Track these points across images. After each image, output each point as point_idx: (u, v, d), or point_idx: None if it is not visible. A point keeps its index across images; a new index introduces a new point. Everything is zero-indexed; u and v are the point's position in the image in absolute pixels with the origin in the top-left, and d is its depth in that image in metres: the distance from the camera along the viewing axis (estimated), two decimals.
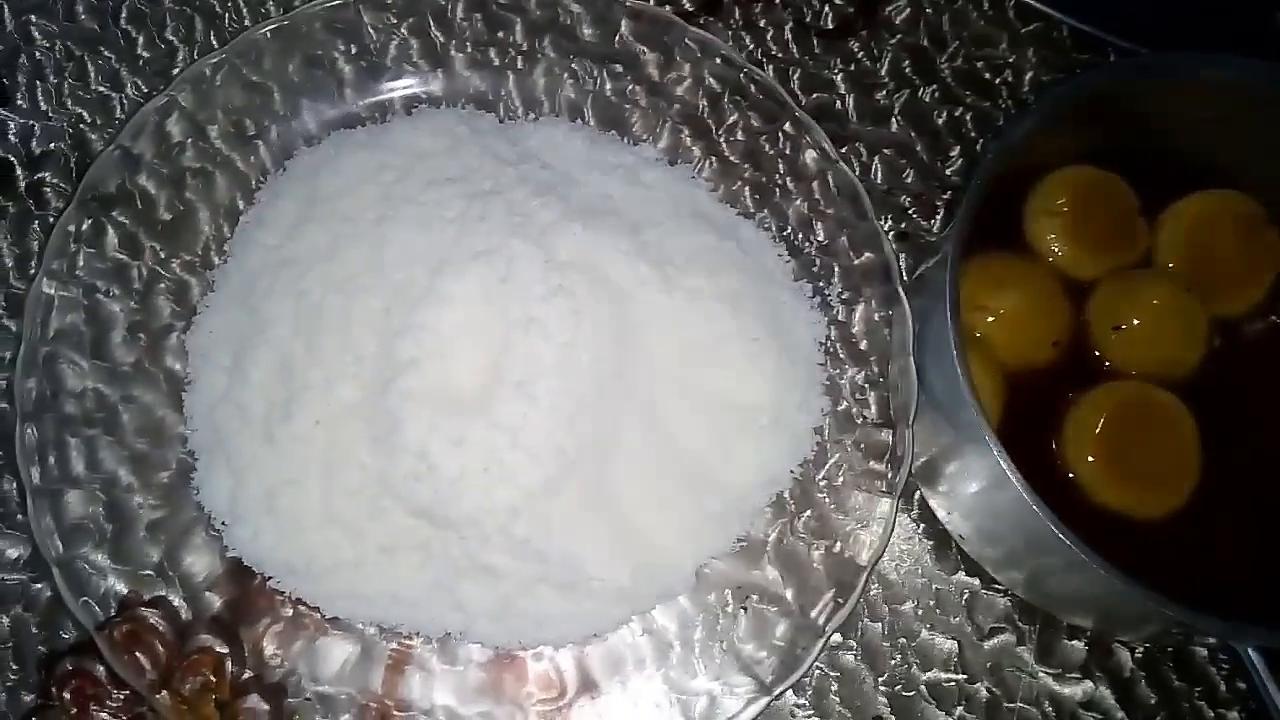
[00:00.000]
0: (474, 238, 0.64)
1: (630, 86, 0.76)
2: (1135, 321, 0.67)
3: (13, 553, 0.69)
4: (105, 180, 0.69)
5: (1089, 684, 0.70)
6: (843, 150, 0.74)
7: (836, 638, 0.69)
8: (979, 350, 0.67)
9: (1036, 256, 0.70)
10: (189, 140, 0.72)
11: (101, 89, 0.79)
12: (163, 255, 0.71)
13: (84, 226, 0.69)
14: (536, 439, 0.61)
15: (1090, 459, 0.65)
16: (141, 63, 0.80)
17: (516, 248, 0.63)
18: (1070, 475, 0.65)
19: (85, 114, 0.78)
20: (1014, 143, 0.63)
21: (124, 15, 0.80)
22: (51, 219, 0.72)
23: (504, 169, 0.68)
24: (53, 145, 0.77)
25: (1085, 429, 0.65)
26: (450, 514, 0.61)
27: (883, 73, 0.83)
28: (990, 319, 0.67)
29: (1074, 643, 0.71)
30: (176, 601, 0.65)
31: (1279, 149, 0.69)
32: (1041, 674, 0.70)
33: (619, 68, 0.76)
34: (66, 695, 0.64)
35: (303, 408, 0.63)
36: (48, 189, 0.76)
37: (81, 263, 0.69)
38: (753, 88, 0.74)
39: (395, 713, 0.64)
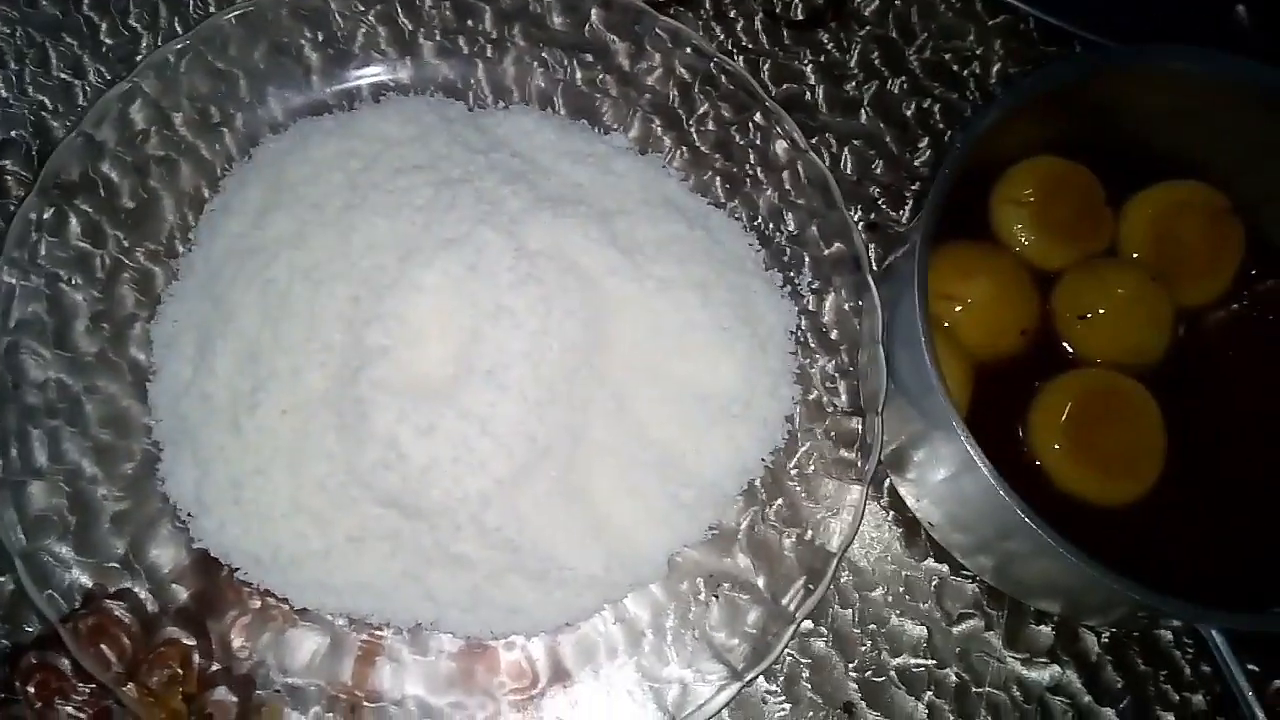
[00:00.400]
0: (443, 226, 0.63)
1: (601, 76, 0.76)
2: (1101, 310, 0.68)
3: None
4: (67, 168, 0.68)
5: (1056, 668, 0.71)
6: (812, 141, 0.74)
7: (807, 625, 0.70)
8: (947, 338, 0.67)
9: (1003, 246, 0.70)
10: (153, 128, 0.71)
11: (64, 76, 0.78)
12: (126, 244, 0.70)
13: (46, 215, 0.68)
14: (506, 428, 0.60)
15: (1056, 446, 0.66)
16: (104, 49, 0.79)
17: (486, 236, 0.62)
18: (1037, 462, 0.66)
19: (47, 101, 0.77)
20: (981, 133, 0.64)
21: (86, 1, 0.79)
22: (12, 207, 0.70)
23: (473, 157, 0.68)
24: (14, 133, 0.76)
25: (1051, 416, 0.66)
26: (420, 503, 0.60)
27: (852, 64, 0.83)
28: (958, 308, 0.68)
29: (1041, 628, 0.72)
30: (142, 594, 0.64)
31: (1242, 140, 0.70)
32: (1009, 659, 0.71)
33: (589, 57, 0.76)
34: (31, 689, 0.64)
35: (269, 397, 0.62)
36: (9, 177, 0.75)
37: (43, 251, 0.68)
38: (723, 78, 0.74)
39: (365, 704, 0.64)
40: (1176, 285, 0.70)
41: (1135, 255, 0.71)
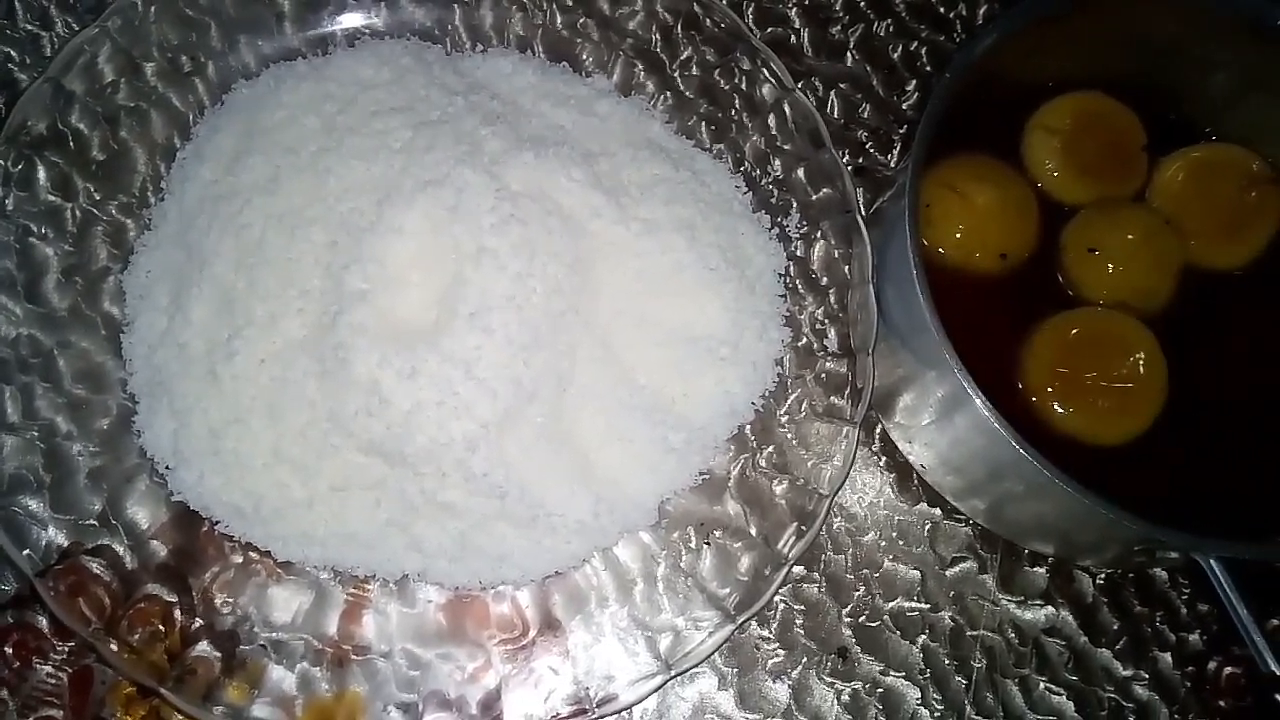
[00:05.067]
0: (422, 167, 0.62)
1: (581, 20, 0.74)
2: (1110, 246, 0.67)
3: None
4: (35, 118, 0.66)
5: (1051, 610, 0.71)
6: (798, 85, 0.73)
7: (800, 570, 0.69)
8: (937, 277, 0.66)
9: (1027, 174, 0.70)
10: (122, 78, 0.69)
11: (30, 27, 0.76)
12: (97, 196, 0.68)
13: (14, 167, 0.65)
14: (491, 371, 0.59)
15: (1052, 386, 0.65)
16: (72, 1, 0.76)
17: (466, 177, 0.61)
18: (1032, 399, 0.65)
19: (13, 53, 0.75)
20: (975, 59, 0.63)
21: None
22: None
23: (452, 99, 0.66)
24: None
25: (1047, 354, 0.65)
26: (404, 450, 0.59)
27: (837, 7, 0.82)
28: (954, 204, 0.67)
29: (1035, 570, 0.71)
30: (121, 550, 0.62)
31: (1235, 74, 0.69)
32: (1004, 601, 0.71)
33: (569, 1, 0.74)
34: (8, 649, 0.63)
35: (246, 345, 0.60)
36: None
37: (12, 205, 0.65)
38: (707, 20, 0.72)
39: (353, 657, 0.63)
40: (1203, 245, 0.70)
41: (1160, 206, 0.70)
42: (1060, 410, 0.65)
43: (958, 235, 0.68)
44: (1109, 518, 0.57)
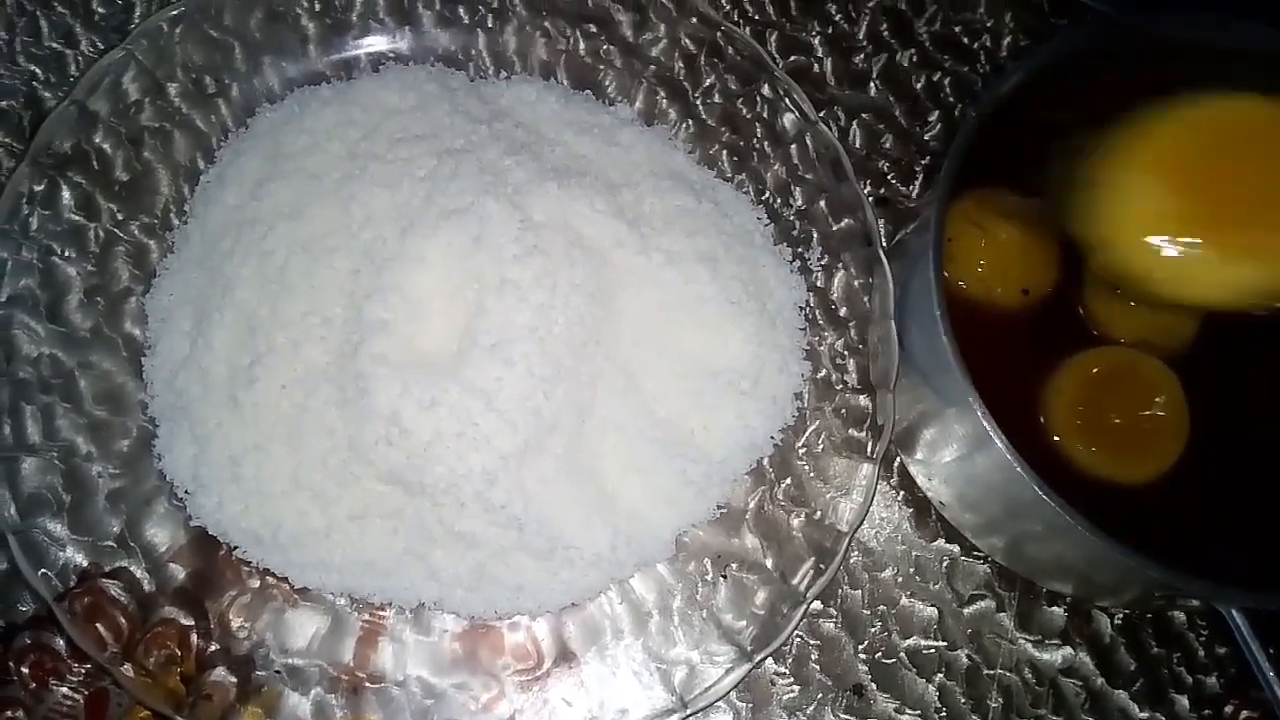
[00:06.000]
0: (445, 196, 0.62)
1: (604, 47, 0.74)
2: None
3: None
4: (60, 138, 0.66)
5: (1069, 650, 0.70)
6: (820, 114, 0.72)
7: (817, 605, 0.69)
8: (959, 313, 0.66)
9: (1049, 205, 0.68)
10: (146, 98, 0.69)
11: (55, 45, 0.76)
12: (120, 217, 0.68)
13: (38, 187, 0.66)
14: (512, 403, 0.59)
15: (1074, 426, 0.64)
16: (97, 18, 0.77)
17: (489, 207, 0.61)
18: (1054, 439, 0.64)
19: (39, 71, 0.75)
20: (1004, 93, 0.63)
21: None
22: (3, 179, 0.69)
23: (475, 127, 0.66)
24: (4, 103, 0.74)
25: (1069, 394, 0.65)
26: (423, 480, 0.59)
27: (860, 36, 0.81)
28: (981, 239, 0.67)
29: (1054, 609, 0.71)
30: (139, 573, 0.63)
31: None
32: (1021, 640, 0.70)
33: (592, 27, 0.74)
34: (25, 670, 0.63)
35: (268, 371, 0.60)
36: None
37: (35, 225, 0.66)
38: (730, 49, 0.72)
39: (367, 685, 0.63)
40: None
41: None
42: (1081, 450, 0.64)
43: (979, 270, 0.68)
44: (1129, 563, 0.56)
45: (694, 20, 0.72)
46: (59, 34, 0.76)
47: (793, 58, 0.80)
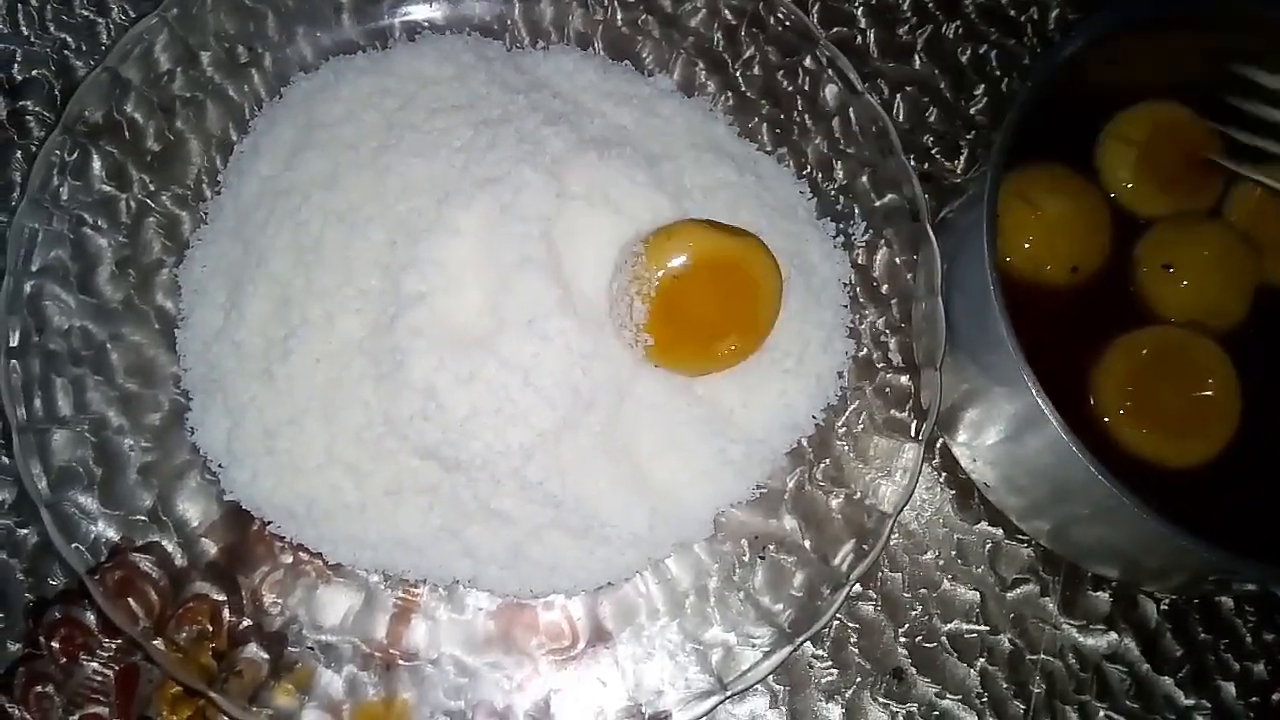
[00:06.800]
0: (482, 166, 0.61)
1: (642, 17, 0.73)
2: (1187, 263, 0.65)
3: None
4: (91, 107, 0.65)
5: (1114, 636, 0.69)
6: (864, 87, 0.71)
7: (856, 588, 0.67)
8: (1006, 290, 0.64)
9: (1101, 185, 0.68)
10: (179, 67, 0.68)
11: (86, 13, 0.75)
12: (152, 187, 0.67)
13: (69, 156, 0.65)
14: (550, 379, 0.58)
15: (1124, 406, 0.63)
16: None
17: (526, 176, 0.59)
18: (1104, 419, 0.63)
19: (69, 39, 0.74)
20: (1065, 58, 0.61)
21: None
22: (34, 149, 0.68)
23: (513, 97, 0.65)
24: (35, 72, 0.73)
25: (1120, 373, 0.63)
26: (459, 455, 0.58)
27: (905, 7, 0.80)
28: (1030, 215, 0.65)
29: (1099, 594, 0.69)
30: (170, 547, 0.62)
31: None
32: (1065, 625, 0.69)
33: None
34: (55, 644, 0.62)
35: (303, 344, 0.59)
36: (30, 117, 0.72)
37: (66, 195, 0.65)
38: (772, 19, 0.70)
39: (400, 663, 0.62)
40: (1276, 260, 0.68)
41: (1237, 222, 0.68)
42: (1131, 430, 0.63)
43: (1027, 246, 0.66)
44: (1184, 545, 0.55)
45: None
46: (90, 2, 0.75)
47: (835, 29, 0.78)
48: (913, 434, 0.63)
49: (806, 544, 0.65)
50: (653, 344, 0.59)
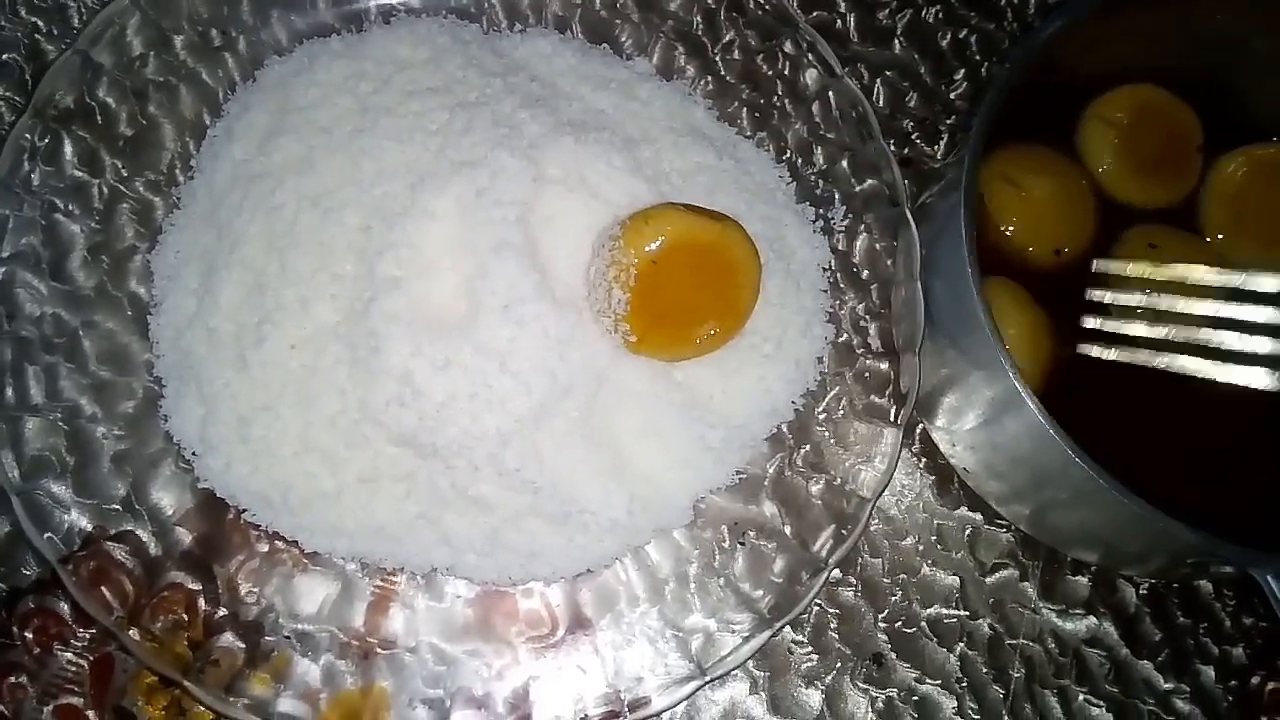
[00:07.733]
0: (457, 150, 0.60)
1: (620, 0, 0.72)
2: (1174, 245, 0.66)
3: None
4: (62, 90, 0.64)
5: (1093, 620, 0.69)
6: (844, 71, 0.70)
7: (836, 574, 0.67)
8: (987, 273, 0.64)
9: (1082, 167, 0.68)
10: (151, 51, 0.67)
11: None
12: (125, 172, 0.66)
13: (40, 141, 0.64)
14: (526, 364, 0.57)
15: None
16: None
17: (503, 160, 0.59)
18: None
19: (40, 23, 0.73)
20: (1040, 43, 0.61)
21: None
22: (4, 133, 0.67)
23: (490, 80, 0.64)
24: (6, 56, 0.72)
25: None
26: (436, 442, 0.57)
27: None
28: (1014, 197, 0.66)
29: (1078, 578, 0.69)
30: (145, 536, 0.61)
31: None
32: (1044, 610, 0.69)
33: None
34: (29, 635, 0.62)
35: (277, 330, 0.59)
36: (1, 102, 0.71)
37: (37, 180, 0.64)
38: (751, 3, 0.70)
39: (378, 651, 0.62)
40: (1256, 252, 0.68)
41: (1213, 210, 0.69)
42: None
43: (1011, 229, 0.66)
44: (1162, 528, 0.55)
45: None
46: None
47: (815, 13, 0.78)
48: (892, 419, 0.63)
49: (786, 529, 0.64)
50: (631, 330, 0.59)
